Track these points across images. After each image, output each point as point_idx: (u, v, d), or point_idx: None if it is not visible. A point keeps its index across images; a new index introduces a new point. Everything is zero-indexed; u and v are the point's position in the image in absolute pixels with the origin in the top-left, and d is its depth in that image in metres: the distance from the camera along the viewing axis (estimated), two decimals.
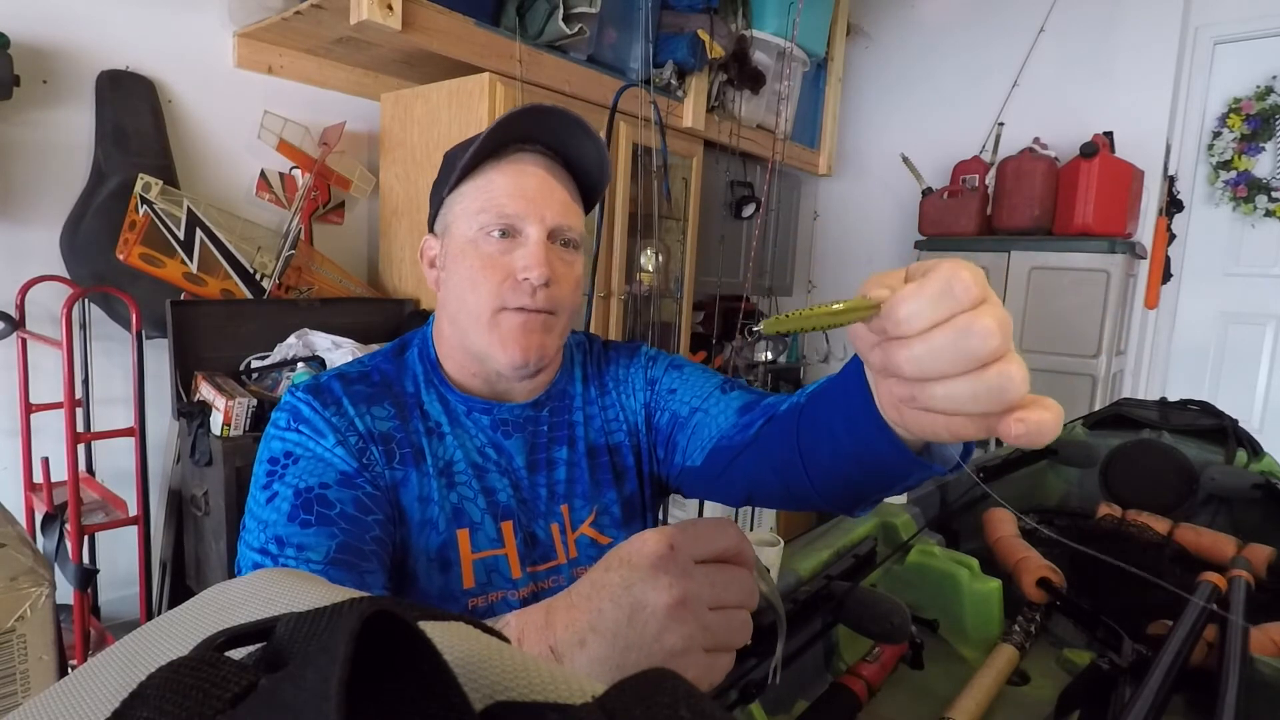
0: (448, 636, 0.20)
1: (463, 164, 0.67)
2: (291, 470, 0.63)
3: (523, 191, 0.68)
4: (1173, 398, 1.70)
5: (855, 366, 0.50)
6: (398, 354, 0.75)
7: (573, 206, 0.71)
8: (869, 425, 0.48)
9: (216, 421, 1.59)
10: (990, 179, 2.78)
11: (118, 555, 1.88)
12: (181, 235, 1.82)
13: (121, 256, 1.73)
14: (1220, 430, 1.51)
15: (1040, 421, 0.34)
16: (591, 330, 2.27)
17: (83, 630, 1.54)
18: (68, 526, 1.55)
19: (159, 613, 1.07)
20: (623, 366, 0.83)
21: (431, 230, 0.75)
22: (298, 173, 2.15)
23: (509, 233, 0.67)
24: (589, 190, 0.75)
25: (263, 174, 2.09)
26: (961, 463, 0.50)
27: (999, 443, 2.65)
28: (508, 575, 0.69)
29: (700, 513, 2.33)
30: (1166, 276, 2.86)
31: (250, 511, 0.63)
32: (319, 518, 0.60)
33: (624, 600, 0.39)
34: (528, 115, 0.67)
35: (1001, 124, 2.95)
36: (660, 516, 0.87)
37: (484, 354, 0.69)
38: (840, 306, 0.36)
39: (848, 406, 0.51)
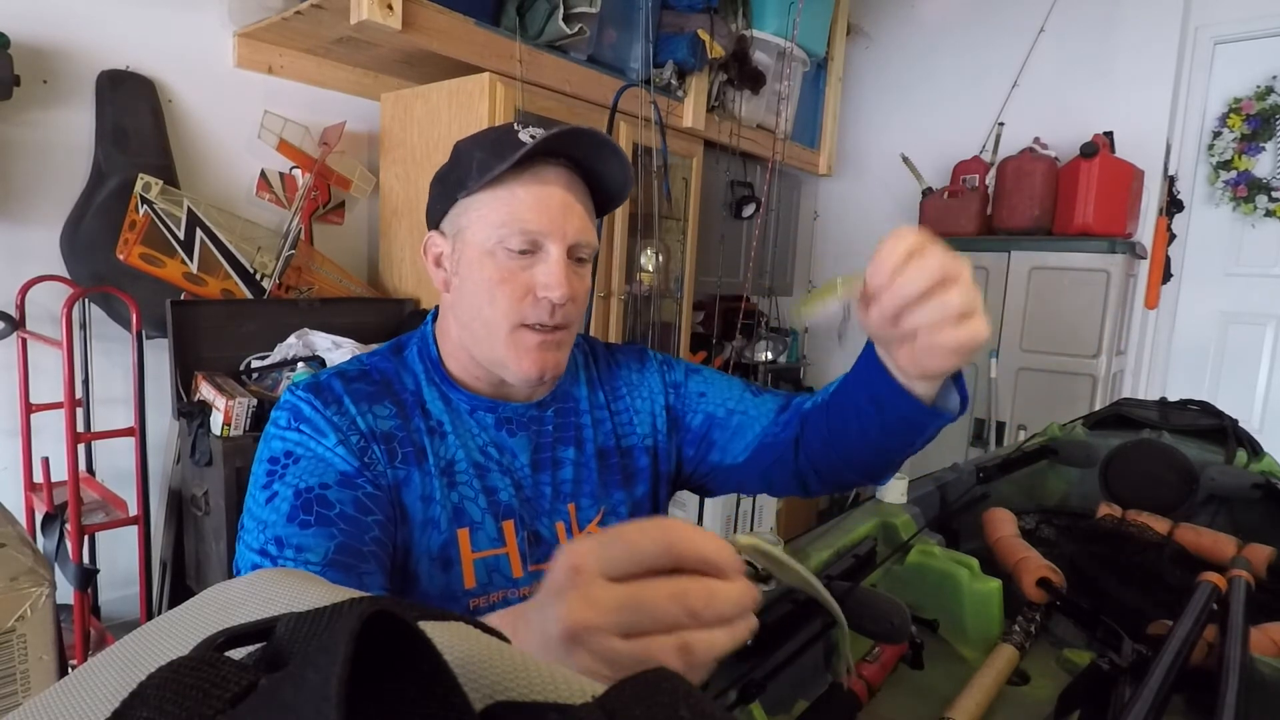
0: (448, 636, 0.20)
1: (488, 178, 0.67)
2: (292, 470, 0.63)
3: (545, 207, 0.67)
4: (1173, 398, 1.70)
5: (867, 355, 0.64)
6: (395, 353, 0.75)
7: (589, 222, 0.72)
8: (889, 392, 0.63)
9: (216, 421, 1.59)
10: (990, 179, 2.77)
11: (118, 555, 1.88)
12: (181, 235, 1.82)
13: (121, 256, 1.73)
14: (1220, 430, 1.51)
15: (974, 326, 0.55)
16: (592, 331, 2.27)
17: (83, 630, 1.54)
18: (68, 526, 1.55)
19: (159, 613, 1.07)
20: (634, 371, 0.84)
21: (437, 226, 0.74)
22: (298, 173, 2.15)
23: (529, 248, 0.67)
24: (604, 201, 0.75)
25: (263, 174, 2.09)
26: (962, 406, 0.65)
27: (999, 443, 2.65)
28: (509, 575, 0.69)
29: (700, 514, 2.33)
30: (1166, 276, 2.86)
31: (249, 511, 0.62)
32: (318, 518, 0.60)
33: (535, 622, 0.37)
34: (561, 139, 0.67)
35: (1001, 124, 2.95)
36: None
37: (497, 364, 0.70)
38: (842, 278, 0.58)
39: (869, 385, 0.65)
